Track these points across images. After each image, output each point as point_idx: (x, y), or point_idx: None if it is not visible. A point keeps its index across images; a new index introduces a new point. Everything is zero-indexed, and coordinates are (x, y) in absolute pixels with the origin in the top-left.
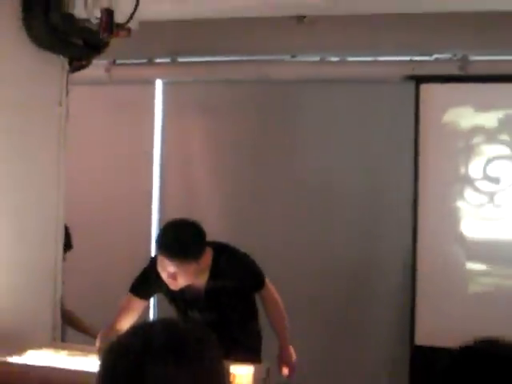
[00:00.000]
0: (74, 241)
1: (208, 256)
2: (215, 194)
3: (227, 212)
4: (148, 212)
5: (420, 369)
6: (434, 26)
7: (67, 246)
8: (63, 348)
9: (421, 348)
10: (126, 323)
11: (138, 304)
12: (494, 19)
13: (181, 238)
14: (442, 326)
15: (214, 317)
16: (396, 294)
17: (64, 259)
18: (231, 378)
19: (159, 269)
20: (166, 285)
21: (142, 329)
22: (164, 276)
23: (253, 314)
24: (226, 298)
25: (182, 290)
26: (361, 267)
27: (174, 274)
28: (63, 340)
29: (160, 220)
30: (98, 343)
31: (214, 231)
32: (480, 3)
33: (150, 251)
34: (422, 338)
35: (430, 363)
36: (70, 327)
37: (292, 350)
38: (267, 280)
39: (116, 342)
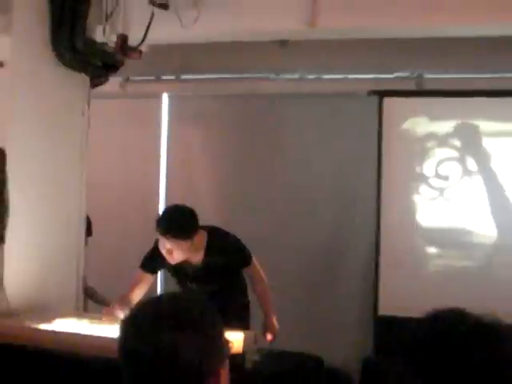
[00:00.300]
0: (95, 228)
1: (203, 237)
2: (212, 190)
3: (223, 205)
4: (155, 205)
5: (382, 335)
6: (395, 49)
7: (88, 232)
8: (85, 317)
9: (383, 317)
10: (137, 293)
11: (146, 278)
12: (445, 43)
13: (175, 219)
14: (401, 298)
15: (209, 288)
16: (362, 271)
17: (86, 243)
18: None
19: (160, 247)
20: (166, 262)
21: (151, 301)
22: (164, 252)
23: (242, 288)
24: (219, 272)
25: (183, 266)
26: (334, 249)
27: (171, 250)
28: (85, 310)
29: (166, 204)
30: (116, 307)
31: (212, 221)
32: (432, 31)
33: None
34: (384, 308)
35: (390, 331)
36: (90, 300)
37: (275, 320)
38: (254, 259)
39: (130, 312)
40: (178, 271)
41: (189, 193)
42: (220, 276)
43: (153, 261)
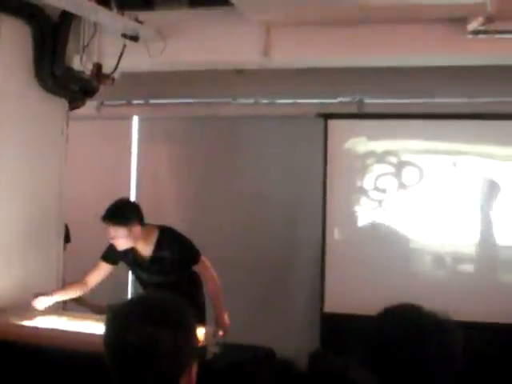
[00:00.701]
0: (72, 235)
1: (155, 233)
2: (178, 202)
3: (186, 215)
4: None
5: (327, 330)
6: (338, 77)
7: (67, 239)
8: (64, 315)
9: (328, 314)
10: (92, 279)
11: (104, 267)
12: (383, 71)
13: (113, 207)
14: (344, 297)
15: (157, 279)
16: (310, 272)
17: (64, 249)
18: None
19: (108, 236)
20: (124, 254)
21: (139, 299)
22: (109, 239)
23: (194, 284)
24: (167, 265)
25: (135, 258)
26: (284, 253)
27: (113, 236)
28: (64, 309)
29: None
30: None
31: (177, 228)
32: (371, 61)
33: None
34: (329, 306)
35: (335, 326)
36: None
37: (226, 316)
38: (204, 258)
39: (116, 310)
40: (132, 262)
41: (156, 205)
42: (168, 269)
43: (112, 253)
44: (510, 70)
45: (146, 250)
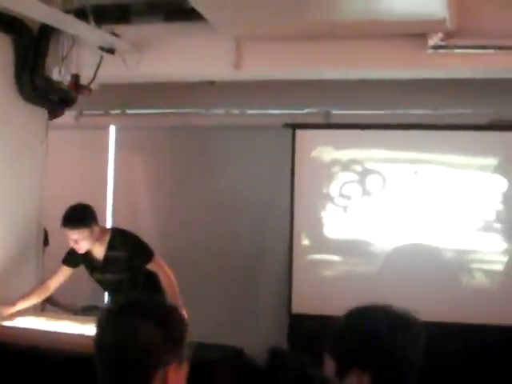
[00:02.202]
0: (51, 239)
1: (107, 234)
2: (152, 208)
3: (160, 221)
4: (103, 221)
5: (295, 330)
6: (306, 88)
7: (45, 242)
8: (42, 315)
9: (296, 315)
10: (55, 284)
11: (65, 271)
12: (349, 84)
13: (70, 212)
14: (311, 298)
15: (111, 278)
16: (278, 274)
17: (43, 252)
18: None
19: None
20: (82, 257)
21: (131, 300)
22: (71, 243)
23: (151, 283)
24: (120, 265)
25: (90, 259)
26: (254, 255)
27: (74, 240)
28: (42, 310)
29: (112, 224)
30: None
31: (151, 233)
32: (337, 74)
33: None
34: (297, 307)
35: (301, 326)
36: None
37: (183, 312)
38: (157, 257)
39: (108, 308)
40: (88, 264)
41: (132, 211)
42: (121, 269)
43: (72, 256)
44: (468, 83)
45: (99, 251)
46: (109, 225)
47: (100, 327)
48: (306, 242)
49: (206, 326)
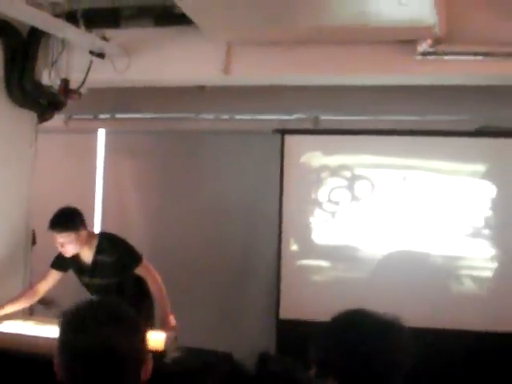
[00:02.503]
0: (38, 238)
1: (94, 239)
2: (141, 212)
3: (150, 225)
4: (92, 224)
5: (283, 335)
6: (295, 94)
7: (33, 241)
8: (30, 319)
9: (283, 320)
10: (44, 288)
11: (53, 274)
12: (338, 90)
13: (57, 216)
14: (299, 304)
15: (99, 282)
16: (267, 280)
17: (31, 251)
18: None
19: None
20: (71, 261)
21: (90, 303)
22: (58, 247)
23: (139, 287)
24: (108, 269)
25: (78, 262)
26: (243, 261)
27: (61, 243)
28: (30, 314)
29: (101, 227)
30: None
31: (140, 237)
32: (326, 80)
33: None
34: (285, 312)
35: (289, 331)
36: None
37: (171, 317)
38: (145, 262)
39: (70, 312)
40: (77, 268)
41: (121, 214)
42: (108, 273)
43: (60, 261)
44: (456, 90)
45: (87, 255)
46: (97, 229)
47: (67, 329)
48: (294, 247)
49: (195, 330)
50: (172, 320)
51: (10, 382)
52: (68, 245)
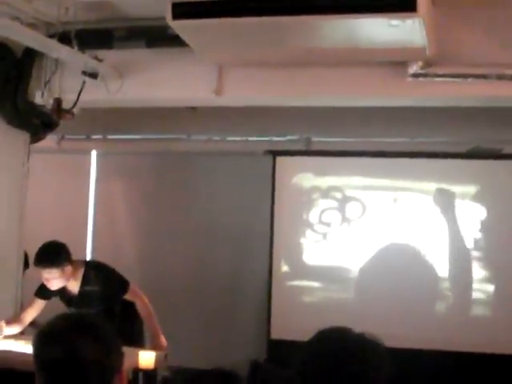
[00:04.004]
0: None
1: (81, 269)
2: (132, 232)
3: (142, 244)
4: (84, 242)
5: (273, 355)
6: (287, 116)
7: (26, 265)
8: (21, 339)
9: (274, 340)
10: (28, 315)
11: (38, 303)
12: (330, 112)
13: (42, 252)
14: (290, 324)
15: (86, 312)
16: (257, 300)
17: (23, 275)
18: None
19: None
20: (56, 291)
21: (62, 317)
22: (44, 280)
23: (128, 312)
24: (95, 299)
25: (65, 293)
26: (234, 282)
27: (47, 278)
28: (22, 334)
29: (92, 247)
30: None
31: (131, 258)
32: (317, 101)
33: None
34: (275, 332)
35: (280, 351)
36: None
37: (162, 338)
38: (132, 286)
39: (45, 326)
40: (63, 298)
41: (112, 236)
42: (96, 303)
43: (44, 290)
44: (447, 112)
45: (73, 286)
46: (89, 249)
47: (40, 344)
48: (285, 268)
49: (185, 350)
50: (163, 340)
51: None
52: (52, 280)
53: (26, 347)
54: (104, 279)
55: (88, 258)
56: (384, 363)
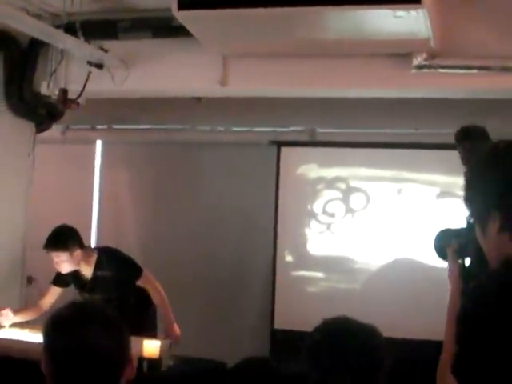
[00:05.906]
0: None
1: (94, 254)
2: (137, 222)
3: (146, 233)
4: (89, 234)
5: (277, 345)
6: (292, 106)
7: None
8: (26, 327)
9: (278, 330)
10: (46, 304)
11: (55, 290)
12: (334, 102)
13: (52, 235)
14: (293, 314)
15: (99, 297)
16: (262, 290)
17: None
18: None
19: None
20: (71, 277)
21: (73, 306)
22: (54, 264)
23: (141, 298)
24: (108, 284)
25: (79, 278)
26: (238, 272)
27: (57, 262)
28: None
29: (97, 237)
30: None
31: (135, 246)
32: (322, 92)
33: None
34: (279, 322)
35: (283, 341)
36: None
37: (175, 326)
38: (146, 273)
39: (55, 315)
40: (77, 283)
41: (117, 225)
42: (109, 288)
43: (60, 276)
44: (451, 103)
45: (87, 271)
46: (93, 238)
47: (52, 333)
48: (289, 258)
49: (189, 340)
50: (176, 329)
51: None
52: (61, 263)
53: (30, 336)
54: (117, 264)
55: (94, 238)
56: (385, 355)
